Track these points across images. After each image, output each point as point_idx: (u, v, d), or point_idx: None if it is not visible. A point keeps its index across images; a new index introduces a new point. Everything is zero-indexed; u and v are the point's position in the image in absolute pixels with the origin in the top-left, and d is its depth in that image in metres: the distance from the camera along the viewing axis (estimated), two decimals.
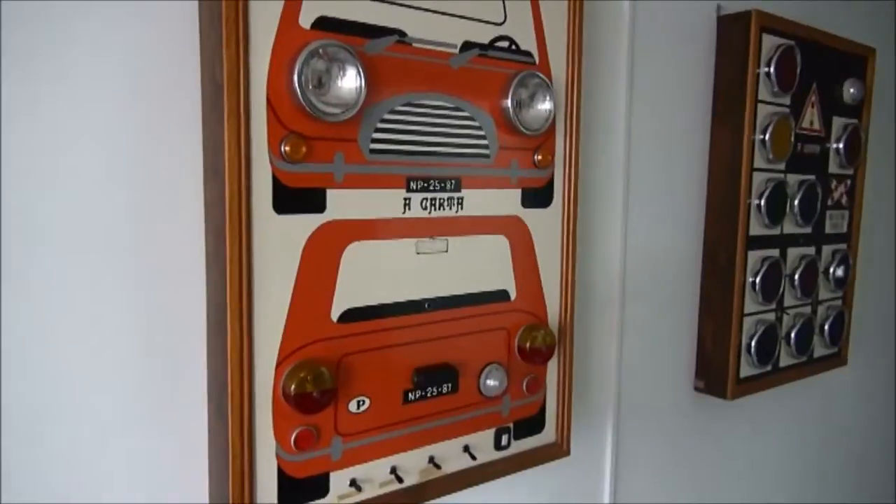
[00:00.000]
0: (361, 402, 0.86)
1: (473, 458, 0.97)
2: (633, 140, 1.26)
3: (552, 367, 1.07)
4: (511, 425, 1.03)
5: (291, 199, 0.78)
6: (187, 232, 0.78)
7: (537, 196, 1.02)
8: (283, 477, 0.80)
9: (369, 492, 0.88)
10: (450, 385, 0.94)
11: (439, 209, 0.91)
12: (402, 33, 0.84)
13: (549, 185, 1.03)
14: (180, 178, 0.78)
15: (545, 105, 0.98)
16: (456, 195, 0.92)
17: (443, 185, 0.91)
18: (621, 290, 1.27)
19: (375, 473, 0.89)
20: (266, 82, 0.74)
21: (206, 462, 0.81)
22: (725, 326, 1.41)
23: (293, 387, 0.78)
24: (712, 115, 1.41)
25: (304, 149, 0.77)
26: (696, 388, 1.47)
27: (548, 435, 1.08)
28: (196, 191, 0.78)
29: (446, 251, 0.92)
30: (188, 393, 0.80)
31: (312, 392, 0.78)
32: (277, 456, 0.80)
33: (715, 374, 1.44)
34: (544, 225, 1.03)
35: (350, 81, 0.78)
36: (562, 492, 1.23)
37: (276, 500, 0.80)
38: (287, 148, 0.76)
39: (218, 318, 0.76)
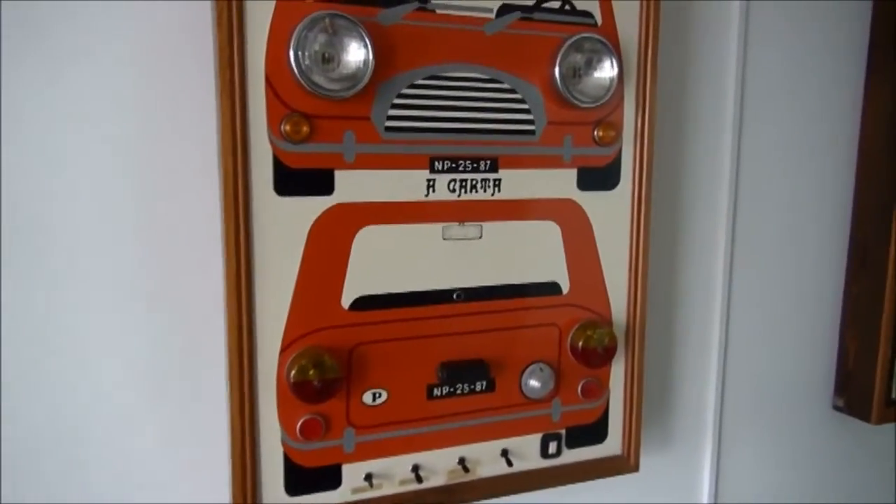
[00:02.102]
0: (378, 395, 0.82)
1: (510, 463, 0.89)
2: (748, 104, 1.07)
3: (618, 370, 0.95)
4: (562, 432, 0.93)
5: (295, 180, 0.75)
6: (205, 216, 0.79)
7: (598, 177, 0.89)
8: (290, 464, 0.79)
9: (388, 488, 0.84)
10: (484, 383, 0.87)
11: (471, 192, 0.83)
12: None
13: (615, 164, 0.90)
14: (199, 162, 0.78)
15: (605, 72, 0.85)
16: (492, 176, 0.84)
17: (475, 165, 0.83)
18: (725, 285, 1.09)
19: (395, 470, 0.84)
20: (264, 59, 0.72)
21: None
22: (873, 337, 1.17)
23: (293, 374, 0.76)
24: (867, 70, 1.16)
25: (305, 128, 0.73)
26: (835, 407, 1.24)
27: (611, 446, 0.96)
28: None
29: (480, 238, 0.84)
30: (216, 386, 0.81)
31: (313, 380, 0.76)
32: (284, 443, 0.78)
33: (858, 392, 1.20)
34: (608, 209, 0.90)
35: (354, 54, 0.73)
36: None
37: (282, 486, 0.79)
38: (287, 127, 0.73)
39: None
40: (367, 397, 0.81)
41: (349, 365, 0.80)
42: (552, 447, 0.92)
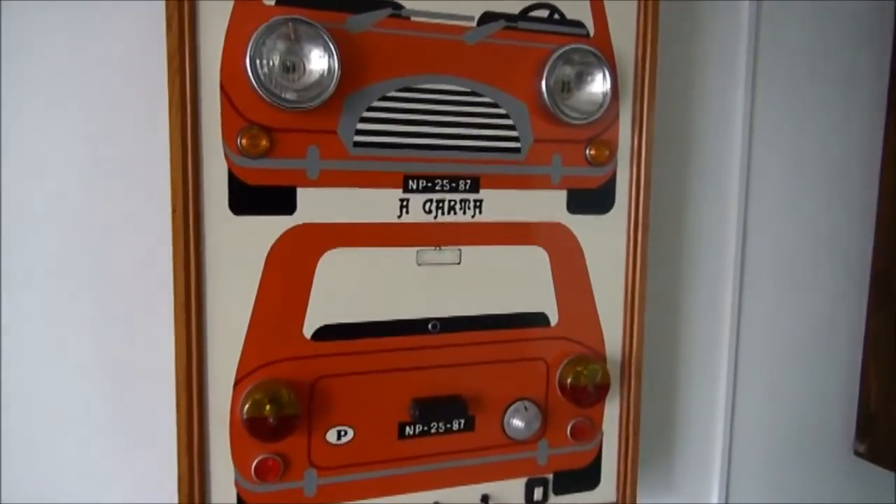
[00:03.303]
0: (343, 433, 0.75)
1: None
2: (758, 124, 1.00)
3: (612, 409, 0.87)
4: (550, 477, 0.85)
5: (252, 198, 0.69)
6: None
7: (590, 199, 0.82)
8: None
9: None
10: (462, 421, 0.80)
11: (449, 213, 0.77)
12: (396, 6, 0.72)
13: (609, 185, 0.83)
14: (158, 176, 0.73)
15: (597, 86, 0.79)
16: (472, 197, 0.77)
17: (454, 184, 0.76)
18: (734, 316, 1.01)
19: None
20: (220, 68, 0.67)
21: None
22: None
23: (246, 409, 0.69)
24: (888, 97, 1.08)
25: (264, 142, 0.68)
26: (856, 453, 1.14)
27: (604, 493, 0.88)
28: None
29: (459, 263, 0.78)
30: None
31: (268, 417, 0.69)
32: (237, 484, 0.72)
33: (882, 437, 1.10)
34: (601, 234, 0.83)
35: (317, 63, 0.67)
36: None
37: None
38: (244, 141, 0.67)
39: None
40: (331, 435, 0.75)
41: (310, 400, 0.73)
42: (538, 493, 0.84)
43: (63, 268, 0.72)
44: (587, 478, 0.87)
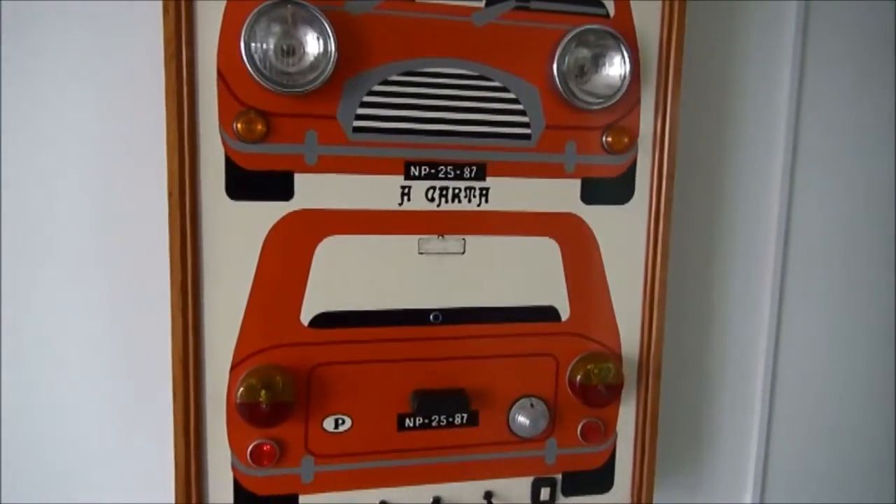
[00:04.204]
0: (340, 421, 0.74)
1: None
2: (804, 123, 0.93)
3: (628, 410, 0.83)
4: (558, 477, 0.82)
5: (249, 183, 0.69)
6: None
7: (607, 189, 0.78)
8: (240, 491, 0.73)
9: None
10: (464, 416, 0.78)
11: (453, 201, 0.74)
12: None
13: (628, 174, 0.79)
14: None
15: (615, 69, 0.74)
16: (478, 185, 0.75)
17: (459, 171, 0.74)
18: (773, 317, 0.95)
19: None
20: (217, 52, 0.66)
21: None
22: None
23: (240, 394, 0.69)
24: None
25: (260, 126, 0.67)
26: None
27: (617, 495, 0.84)
28: None
29: (462, 253, 0.75)
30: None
31: (262, 403, 0.69)
32: (234, 467, 0.72)
33: None
34: (618, 226, 0.79)
35: (312, 45, 0.66)
36: None
37: None
38: (239, 125, 0.67)
39: None
40: (329, 423, 0.74)
41: (308, 387, 0.73)
42: (544, 493, 0.81)
43: (62, 260, 0.74)
44: (600, 479, 0.83)
